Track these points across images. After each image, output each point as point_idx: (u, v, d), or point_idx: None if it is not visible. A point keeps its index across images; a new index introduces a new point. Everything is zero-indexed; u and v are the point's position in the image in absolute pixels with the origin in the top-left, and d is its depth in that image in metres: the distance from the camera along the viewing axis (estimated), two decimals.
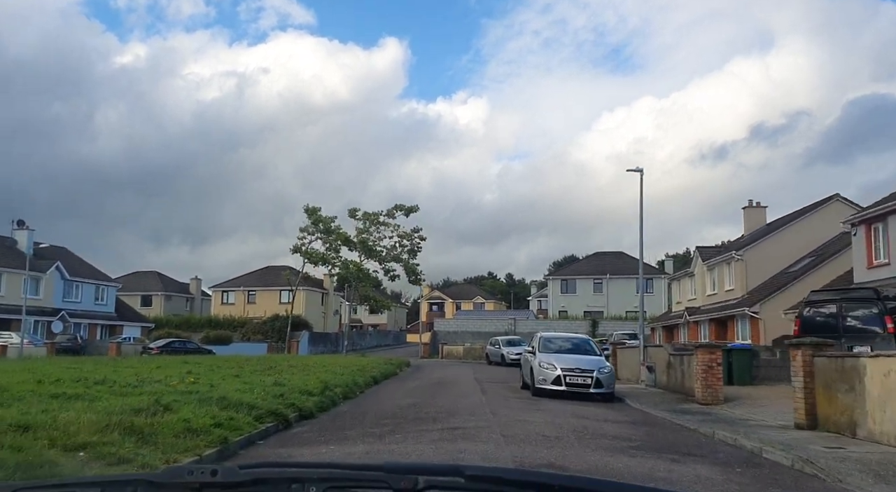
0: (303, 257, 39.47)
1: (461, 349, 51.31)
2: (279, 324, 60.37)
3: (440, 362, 46.05)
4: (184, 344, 46.93)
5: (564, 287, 69.43)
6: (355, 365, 27.15)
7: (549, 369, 18.37)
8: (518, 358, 40.51)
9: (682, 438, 12.08)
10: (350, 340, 71.55)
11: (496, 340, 42.41)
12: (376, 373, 25.21)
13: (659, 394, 19.88)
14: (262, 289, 74.44)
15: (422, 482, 1.61)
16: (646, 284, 69.60)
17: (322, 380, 17.77)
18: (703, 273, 44.20)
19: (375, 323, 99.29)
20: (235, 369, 21.94)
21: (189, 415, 9.75)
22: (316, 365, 26.01)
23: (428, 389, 21.04)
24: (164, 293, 76.67)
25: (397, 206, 39.70)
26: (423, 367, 37.91)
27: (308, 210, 39.21)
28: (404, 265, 39.74)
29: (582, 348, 19.95)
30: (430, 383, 24.27)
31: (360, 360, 33.10)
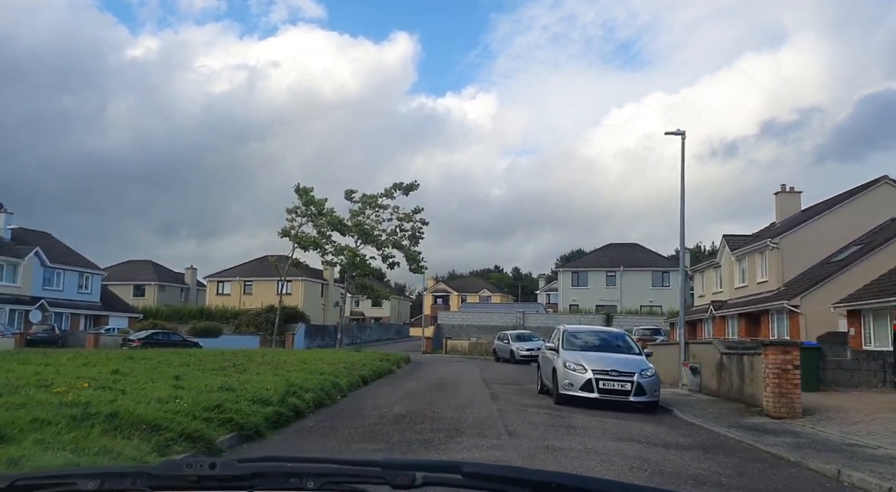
0: (292, 242, 35.68)
1: (466, 344, 47.42)
2: (274, 315, 56.54)
3: (443, 358, 42.16)
4: (168, 336, 43.17)
5: (575, 280, 65.40)
6: (345, 361, 23.31)
7: (578, 370, 14.43)
8: (529, 355, 36.63)
9: (792, 480, 8.13)
10: (349, 333, 67.81)
11: (504, 335, 38.55)
12: (367, 371, 21.35)
13: (710, 402, 15.93)
14: (258, 279, 70.74)
15: (419, 478, 1.60)
16: (661, 277, 65.89)
17: (289, 382, 13.91)
18: (731, 264, 40.15)
19: (378, 316, 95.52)
20: (193, 365, 18.12)
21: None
22: (297, 361, 22.16)
23: (426, 393, 17.15)
24: (158, 283, 73.02)
25: (396, 184, 35.86)
26: (423, 363, 34.05)
27: (299, 190, 35.35)
28: (405, 252, 35.90)
29: (616, 345, 15.98)
30: (429, 384, 20.39)
31: (352, 355, 29.25)
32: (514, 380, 23.11)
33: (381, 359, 28.33)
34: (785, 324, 32.73)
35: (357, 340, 67.42)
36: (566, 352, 15.25)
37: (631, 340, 16.53)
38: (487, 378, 23.31)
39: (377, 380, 21.49)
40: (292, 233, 35.05)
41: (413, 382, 21.10)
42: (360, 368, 21.65)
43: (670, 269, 63.85)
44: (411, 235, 35.84)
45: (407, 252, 35.74)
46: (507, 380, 22.92)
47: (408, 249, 35.77)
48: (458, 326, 56.06)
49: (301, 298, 69.71)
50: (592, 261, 66.08)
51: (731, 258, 39.95)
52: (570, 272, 65.85)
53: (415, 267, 36.78)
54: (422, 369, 28.56)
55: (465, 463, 1.68)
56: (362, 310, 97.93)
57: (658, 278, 63.70)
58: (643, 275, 63.66)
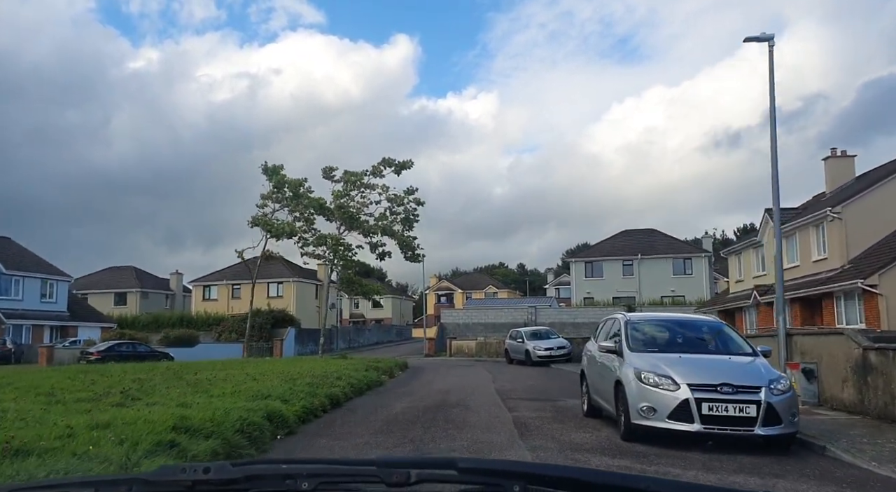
0: (263, 231, 29.64)
1: (473, 345, 41.51)
2: (260, 320, 50.79)
3: (447, 362, 36.27)
4: (133, 347, 37.36)
5: (589, 270, 59.39)
6: (317, 374, 17.51)
7: (663, 386, 8.49)
8: (548, 355, 30.69)
9: None
10: (345, 336, 61.95)
11: (518, 333, 32.64)
12: (341, 388, 15.49)
13: (862, 425, 10.04)
14: (247, 282, 64.52)
15: (414, 476, 1.58)
16: (683, 264, 59.91)
17: (185, 418, 8.12)
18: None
19: (379, 317, 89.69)
20: (76, 388, 12.26)
21: None
22: (249, 376, 16.34)
23: (417, 423, 11.21)
24: (140, 290, 67.21)
25: (386, 160, 29.87)
26: (424, 369, 28.20)
27: (267, 170, 29.41)
28: (397, 239, 30.09)
29: (712, 342, 10.04)
30: (425, 403, 14.50)
31: (334, 364, 23.44)
32: (539, 391, 17.21)
33: (370, 367, 22.50)
34: (857, 308, 26.84)
35: (354, 344, 61.57)
36: (636, 355, 9.36)
37: (734, 331, 10.54)
38: (504, 390, 17.42)
39: (355, 399, 15.61)
40: (263, 220, 29.15)
41: (404, 400, 15.20)
42: (332, 382, 15.79)
43: (692, 255, 57.94)
44: (404, 219, 30.05)
45: (400, 238, 29.90)
46: (530, 392, 17.03)
47: (400, 235, 29.93)
48: (464, 324, 50.16)
49: (293, 301, 63.89)
50: (607, 249, 60.05)
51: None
52: (583, 262, 59.82)
53: (410, 255, 30.92)
54: (420, 379, 22.70)
55: (461, 458, 1.81)
56: (362, 311, 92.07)
57: (679, 266, 57.70)
58: (663, 262, 57.66)
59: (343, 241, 28.65)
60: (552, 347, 30.10)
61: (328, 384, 15.32)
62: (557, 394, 16.28)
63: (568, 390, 17.56)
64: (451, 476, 1.59)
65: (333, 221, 29.29)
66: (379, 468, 1.61)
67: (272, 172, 29.27)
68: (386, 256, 30.58)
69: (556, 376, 23.33)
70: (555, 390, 17.63)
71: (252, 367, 21.28)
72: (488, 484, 1.57)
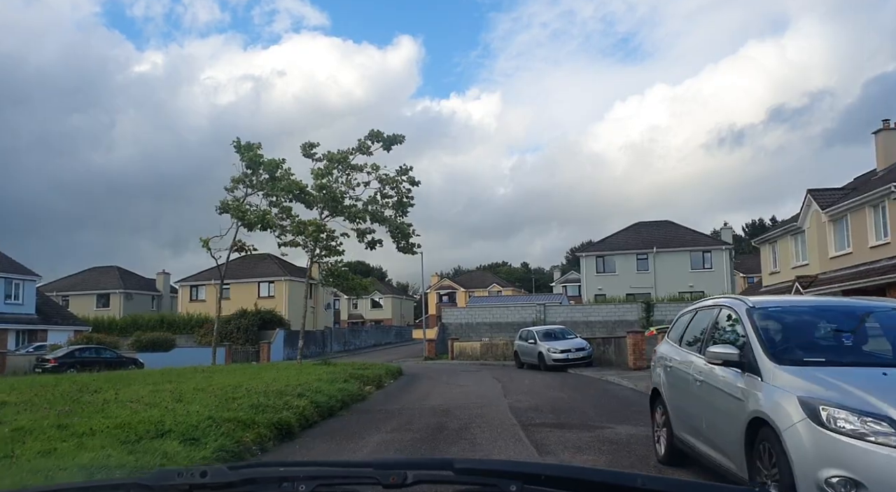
0: (233, 217, 25.05)
1: (477, 346, 37.10)
2: (246, 322, 46.55)
3: (449, 366, 31.90)
4: (97, 353, 33.07)
5: (601, 265, 54.92)
6: (278, 387, 13.21)
7: (878, 435, 4.16)
8: (564, 358, 26.22)
9: None
10: (340, 338, 57.56)
11: (530, 333, 28.19)
12: (302, 407, 11.15)
13: None
14: (237, 282, 60.45)
15: (411, 477, 1.56)
16: (702, 257, 55.46)
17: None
18: (822, 226, 29.76)
19: (378, 318, 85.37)
20: None
21: None
22: (176, 394, 11.98)
23: None
24: (124, 291, 62.90)
25: (373, 134, 25.39)
26: (420, 377, 23.82)
27: (240, 147, 24.93)
28: (389, 225, 25.67)
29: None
30: (415, 432, 10.10)
31: (309, 372, 19.07)
32: (569, 410, 12.79)
33: (352, 376, 18.15)
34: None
35: (350, 346, 57.22)
36: (792, 372, 4.93)
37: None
38: (522, 408, 13.01)
39: (318, 426, 11.21)
40: (233, 206, 24.60)
41: (385, 428, 10.79)
42: (288, 403, 11.41)
43: (712, 247, 53.46)
44: (397, 203, 25.67)
45: (392, 225, 25.50)
46: (557, 412, 12.61)
47: (393, 221, 25.53)
48: (467, 324, 45.76)
49: (285, 301, 59.52)
50: (620, 243, 55.57)
51: (822, 218, 29.55)
52: (595, 257, 55.32)
53: (404, 244, 26.47)
54: (414, 391, 18.31)
55: (457, 459, 1.65)
56: (361, 312, 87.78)
57: (698, 259, 53.20)
58: (680, 256, 53.17)
59: (326, 227, 24.26)
60: (569, 349, 25.70)
61: (281, 406, 10.93)
62: (596, 415, 11.88)
63: (607, 407, 13.17)
64: (448, 477, 1.59)
65: (315, 208, 24.91)
66: (375, 470, 1.61)
67: (245, 149, 24.88)
68: (376, 244, 26.17)
69: (582, 385, 18.94)
70: (588, 407, 13.23)
71: (202, 378, 16.91)
72: (484, 484, 1.57)
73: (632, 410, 12.37)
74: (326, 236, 24.07)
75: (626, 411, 12.41)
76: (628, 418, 11.18)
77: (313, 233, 23.54)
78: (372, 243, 26.07)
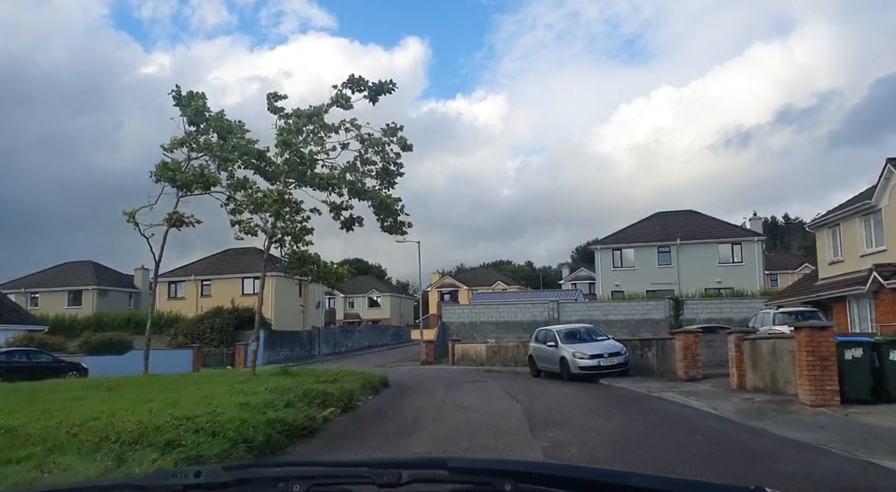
0: (165, 183, 18.98)
1: (483, 349, 31.41)
2: (221, 321, 40.95)
3: (449, 374, 26.26)
4: (29, 357, 27.55)
5: (618, 259, 49.17)
6: (180, 413, 7.70)
7: None
8: (596, 365, 20.27)
9: None
10: (330, 340, 51.88)
11: (549, 333, 22.41)
12: (189, 455, 5.63)
13: None
14: (218, 278, 55.16)
15: (405, 476, 1.54)
16: (731, 249, 49.73)
17: None
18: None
19: (376, 318, 79.72)
20: None
21: None
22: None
23: None
24: (97, 287, 57.37)
25: (353, 80, 19.76)
26: (409, 390, 18.18)
27: (180, 98, 18.95)
28: (371, 198, 19.97)
29: None
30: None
31: (251, 386, 13.46)
32: (640, 458, 7.13)
33: (307, 394, 12.59)
34: None
35: (341, 348, 51.57)
36: None
37: None
38: (563, 457, 7.35)
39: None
40: (164, 168, 18.53)
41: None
42: (147, 455, 5.80)
43: (742, 239, 47.69)
44: (382, 171, 19.99)
45: (375, 198, 19.79)
46: (625, 461, 6.95)
47: (376, 194, 19.84)
48: (470, 324, 40.09)
49: (272, 299, 53.86)
50: (639, 234, 49.83)
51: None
52: (611, 250, 49.55)
53: (390, 223, 20.70)
54: (393, 416, 12.63)
55: (452, 458, 1.64)
56: (357, 311, 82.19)
57: (727, 252, 47.43)
58: (706, 249, 47.42)
59: (290, 197, 18.52)
60: (601, 354, 20.00)
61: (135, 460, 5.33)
62: (694, 472, 6.18)
63: (701, 454, 7.53)
64: (443, 476, 1.57)
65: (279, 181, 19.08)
66: (370, 469, 1.59)
67: (187, 100, 19.16)
68: (354, 223, 20.48)
69: (631, 406, 13.26)
70: (670, 453, 7.63)
71: (73, 397, 11.32)
72: (479, 483, 1.55)
73: (747, 458, 6.87)
74: (291, 209, 18.45)
75: (733, 459, 6.86)
76: (757, 478, 5.48)
77: (273, 205, 17.96)
78: (349, 222, 20.39)
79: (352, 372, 19.77)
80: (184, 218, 19.79)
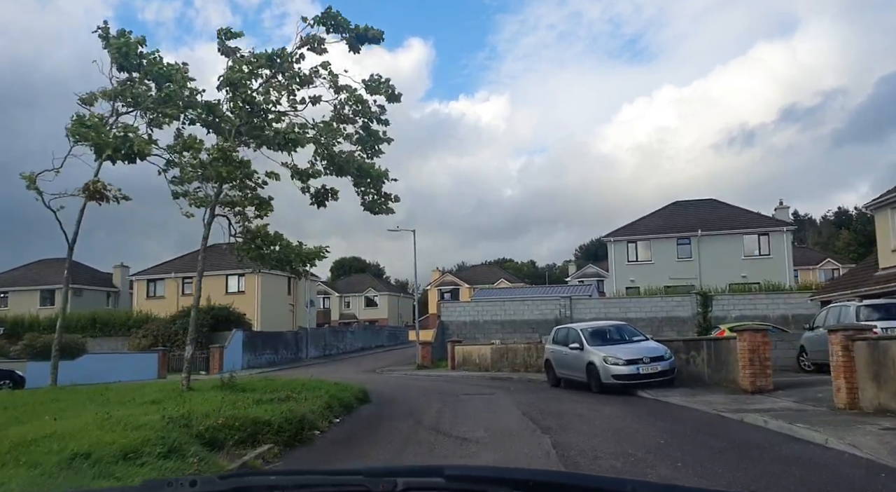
0: (74, 138, 14.49)
1: (487, 352, 26.87)
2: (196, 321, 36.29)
3: (447, 383, 21.77)
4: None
5: (633, 252, 44.66)
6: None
7: None
8: (634, 374, 15.25)
9: None
10: (318, 342, 47.28)
11: (571, 333, 17.79)
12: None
13: None
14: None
15: (401, 484, 1.52)
16: (758, 241, 45.24)
17: None
18: None
19: (373, 318, 75.24)
20: None
21: None
22: None
23: None
24: (71, 286, 52.78)
25: (330, 14, 15.20)
26: (396, 407, 13.70)
27: (107, 36, 14.62)
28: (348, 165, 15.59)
29: None
30: None
31: (139, 413, 9.01)
32: None
33: (229, 425, 8.06)
34: None
35: (331, 351, 47.03)
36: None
37: None
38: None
39: None
40: (77, 124, 13.99)
41: None
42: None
43: (770, 229, 43.12)
44: (363, 131, 15.57)
45: (352, 164, 15.36)
46: None
47: (352, 159, 15.42)
48: (472, 323, 35.61)
49: (257, 297, 49.51)
50: (656, 225, 45.30)
51: None
52: (625, 242, 45.00)
53: (373, 199, 16.19)
54: (360, 459, 8.13)
55: (448, 466, 1.63)
56: (354, 311, 77.71)
57: (753, 244, 42.90)
58: (730, 241, 42.89)
59: (235, 154, 13.95)
60: (639, 359, 15.47)
61: None
62: None
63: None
64: (439, 484, 1.56)
65: (229, 138, 14.57)
66: (366, 478, 1.57)
67: (117, 38, 14.62)
68: (328, 196, 15.91)
69: (717, 440, 8.79)
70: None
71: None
72: (475, 491, 1.54)
73: None
74: (237, 171, 13.96)
75: None
76: None
77: (214, 165, 13.47)
78: (321, 196, 15.88)
79: (323, 383, 15.30)
80: (106, 189, 15.20)
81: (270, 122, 15.34)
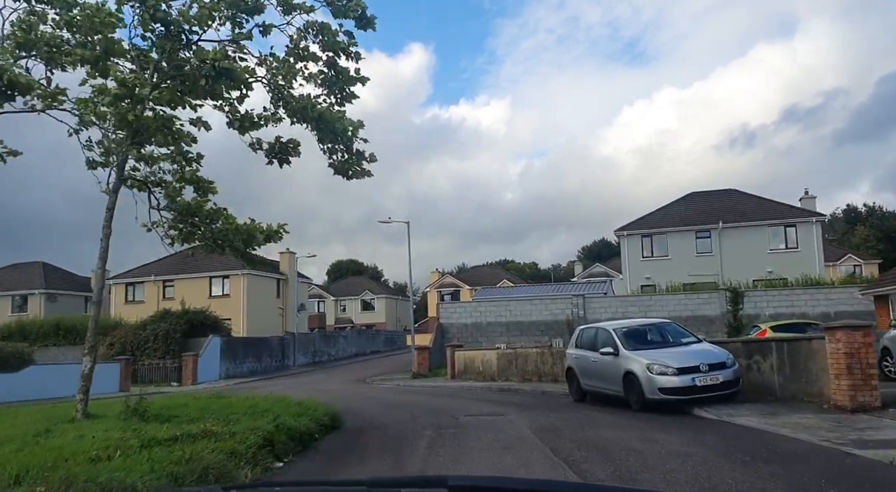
0: None
1: (493, 357, 23.03)
2: (167, 326, 32.59)
3: (446, 395, 18.01)
4: None
5: (648, 248, 40.91)
6: None
7: None
8: (689, 385, 9.93)
9: None
10: (307, 348, 43.41)
11: (601, 334, 13.98)
12: None
13: None
14: (182, 277, 47.03)
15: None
16: (784, 233, 41.48)
17: None
18: None
19: (371, 322, 71.43)
20: None
21: None
22: None
23: None
24: (45, 291, 49.25)
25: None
26: (368, 442, 9.98)
27: None
28: (307, 111, 12.28)
29: None
30: None
31: None
32: None
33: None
34: None
35: (321, 357, 43.18)
36: None
37: None
38: None
39: None
40: None
41: None
42: None
43: (797, 220, 39.33)
44: (329, 70, 12.21)
45: (309, 111, 11.95)
46: None
47: (311, 106, 12.00)
48: (473, 325, 31.86)
49: (243, 301, 45.83)
50: (673, 218, 41.57)
51: None
52: (640, 237, 41.23)
53: (343, 159, 12.76)
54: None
55: (451, 477, 1.66)
56: (350, 315, 73.94)
57: (779, 236, 39.17)
58: (754, 233, 39.16)
59: (141, 91, 10.13)
60: (696, 366, 11.69)
61: None
62: None
63: None
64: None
65: (139, 66, 10.93)
66: (370, 488, 1.56)
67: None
68: (288, 151, 12.20)
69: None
70: None
71: None
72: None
73: None
74: (145, 114, 10.19)
75: None
76: None
77: (112, 106, 9.78)
78: (277, 150, 12.20)
79: (281, 403, 11.56)
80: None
81: (194, 51, 11.57)
